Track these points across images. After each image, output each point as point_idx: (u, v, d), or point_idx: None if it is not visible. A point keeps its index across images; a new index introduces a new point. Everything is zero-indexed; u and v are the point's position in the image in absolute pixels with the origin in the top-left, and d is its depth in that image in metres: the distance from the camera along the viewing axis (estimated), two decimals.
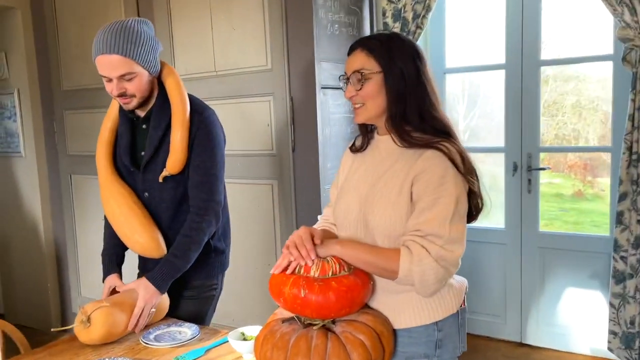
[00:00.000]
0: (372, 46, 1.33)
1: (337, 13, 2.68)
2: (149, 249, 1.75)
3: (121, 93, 1.65)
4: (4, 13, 3.51)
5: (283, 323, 1.28)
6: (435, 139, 1.28)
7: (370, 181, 1.36)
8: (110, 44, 1.59)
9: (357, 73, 1.32)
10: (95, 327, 1.52)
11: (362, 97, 1.34)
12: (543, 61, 3.02)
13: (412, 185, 1.27)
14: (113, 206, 1.76)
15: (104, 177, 1.80)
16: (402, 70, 1.29)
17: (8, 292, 3.89)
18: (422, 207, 1.24)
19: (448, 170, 1.25)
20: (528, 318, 3.17)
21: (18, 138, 3.62)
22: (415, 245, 1.22)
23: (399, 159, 1.32)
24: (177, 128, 1.69)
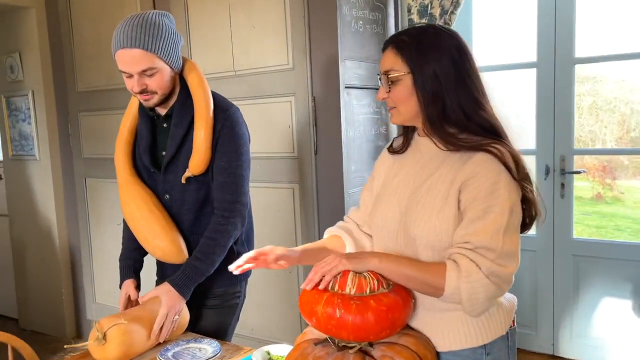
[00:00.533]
0: (401, 44, 1.20)
1: (362, 9, 2.56)
2: (170, 254, 1.66)
3: (142, 90, 1.56)
4: (19, 13, 3.45)
5: (316, 345, 1.16)
6: (484, 140, 1.16)
7: (411, 187, 1.23)
8: (131, 38, 1.50)
9: (385, 75, 1.21)
10: (110, 346, 1.42)
11: (393, 100, 1.23)
12: (578, 59, 2.86)
13: (460, 192, 1.15)
14: (132, 209, 1.68)
15: (123, 178, 1.72)
16: (434, 69, 1.16)
17: (22, 296, 3.82)
18: (471, 216, 1.12)
19: (501, 176, 1.12)
20: (561, 329, 3.02)
21: (32, 141, 3.55)
22: (464, 259, 1.10)
23: (444, 162, 1.20)
24: (201, 126, 1.60)
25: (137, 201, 1.68)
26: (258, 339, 2.73)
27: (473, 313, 1.13)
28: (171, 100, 1.65)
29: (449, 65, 1.17)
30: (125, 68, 1.53)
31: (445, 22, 2.67)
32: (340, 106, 2.44)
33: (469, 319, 1.19)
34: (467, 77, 1.18)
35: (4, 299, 4.04)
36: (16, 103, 3.61)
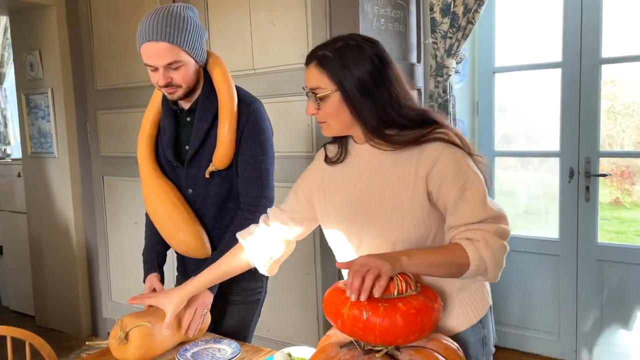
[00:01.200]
0: (324, 61, 1.21)
1: (384, 7, 2.52)
2: (194, 248, 1.65)
3: (167, 83, 1.54)
4: (39, 11, 3.46)
5: (341, 348, 1.12)
6: (425, 130, 1.22)
7: (372, 195, 1.25)
8: (156, 31, 1.49)
9: (314, 92, 1.23)
10: (131, 347, 1.39)
11: (323, 116, 1.25)
12: (604, 59, 2.79)
13: (427, 184, 1.20)
14: (156, 203, 1.67)
15: (146, 172, 1.71)
16: (359, 80, 1.19)
17: (39, 293, 3.83)
18: (453, 200, 1.18)
19: (458, 154, 1.20)
20: (584, 336, 2.94)
21: (51, 138, 3.56)
22: (472, 232, 1.16)
23: (396, 161, 1.24)
24: (225, 120, 1.59)
25: (161, 195, 1.67)
26: (275, 340, 2.70)
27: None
28: (195, 94, 1.64)
29: (372, 73, 1.20)
30: (151, 61, 1.52)
31: (468, 20, 2.62)
32: None
33: (464, 298, 1.27)
34: (391, 81, 1.22)
35: (21, 296, 4.06)
36: (36, 101, 3.63)
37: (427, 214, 1.21)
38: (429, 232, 1.23)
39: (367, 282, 1.03)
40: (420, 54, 2.79)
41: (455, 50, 2.68)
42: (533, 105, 3.23)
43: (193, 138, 1.64)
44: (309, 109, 1.26)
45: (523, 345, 3.12)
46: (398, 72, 1.25)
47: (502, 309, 3.17)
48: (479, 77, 3.16)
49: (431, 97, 2.74)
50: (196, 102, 1.64)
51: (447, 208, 1.19)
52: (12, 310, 4.19)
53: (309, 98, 1.25)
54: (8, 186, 4.08)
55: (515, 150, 3.26)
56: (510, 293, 3.13)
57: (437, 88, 2.71)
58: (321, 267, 2.57)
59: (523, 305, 3.11)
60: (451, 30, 2.65)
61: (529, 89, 3.20)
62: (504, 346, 3.16)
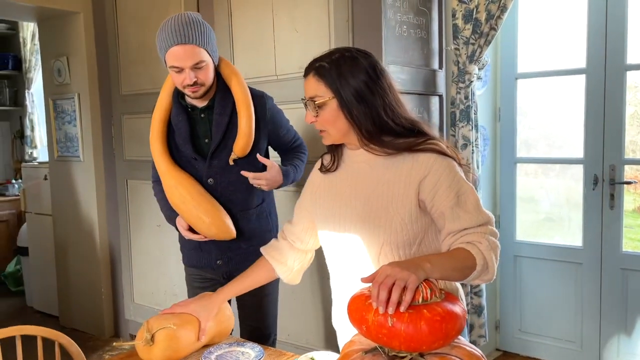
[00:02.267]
0: (322, 71, 1.30)
1: (406, 14, 2.53)
2: (225, 231, 1.81)
3: (193, 82, 1.71)
4: (67, 18, 3.54)
5: (365, 354, 1.13)
6: (418, 139, 1.30)
7: (362, 198, 1.33)
8: (183, 35, 1.66)
9: (312, 100, 1.31)
10: (157, 349, 1.42)
11: (321, 124, 1.32)
12: (629, 65, 2.76)
13: (420, 191, 1.27)
14: (182, 193, 1.80)
15: (164, 166, 1.84)
16: (355, 89, 1.28)
17: (63, 294, 3.91)
18: (449, 207, 1.25)
19: (450, 165, 1.28)
20: (607, 345, 2.90)
21: (77, 142, 3.63)
22: (472, 235, 1.23)
23: (388, 167, 1.32)
24: (243, 112, 1.79)
25: (186, 185, 1.80)
26: (295, 345, 2.71)
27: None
28: (210, 92, 1.82)
29: (367, 83, 1.28)
30: (179, 63, 1.68)
31: (491, 27, 2.61)
32: None
33: None
34: (385, 90, 1.30)
35: (46, 297, 4.15)
36: (63, 105, 3.71)
37: (415, 219, 1.29)
38: (416, 237, 1.30)
39: (394, 296, 1.04)
40: (442, 60, 2.79)
41: (478, 57, 2.67)
42: (556, 111, 3.19)
43: (215, 132, 1.82)
44: (308, 117, 1.34)
45: (545, 354, 3.08)
46: (391, 81, 1.34)
47: (524, 316, 3.14)
48: (502, 83, 3.14)
49: (453, 104, 2.73)
50: (213, 100, 1.83)
51: (443, 215, 1.26)
52: (36, 311, 4.27)
53: (307, 107, 1.34)
54: (35, 189, 4.17)
55: (538, 156, 3.23)
56: (532, 301, 3.10)
57: (459, 94, 2.71)
58: None
59: (545, 313, 3.08)
60: (473, 37, 2.65)
61: (551, 95, 3.17)
62: (526, 354, 3.12)
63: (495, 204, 3.19)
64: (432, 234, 1.33)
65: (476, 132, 2.75)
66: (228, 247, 1.92)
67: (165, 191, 1.85)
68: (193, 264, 2.01)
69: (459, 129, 2.71)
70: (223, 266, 1.94)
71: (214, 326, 1.55)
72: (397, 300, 1.04)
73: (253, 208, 1.94)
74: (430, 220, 1.31)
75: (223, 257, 1.94)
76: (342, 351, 1.22)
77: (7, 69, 5.26)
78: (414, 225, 1.29)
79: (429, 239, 1.33)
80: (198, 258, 1.98)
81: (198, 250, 1.97)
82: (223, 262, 1.94)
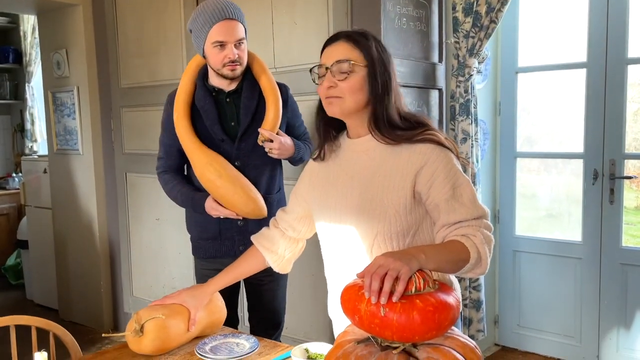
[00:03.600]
0: (358, 38, 1.28)
1: (406, 6, 2.51)
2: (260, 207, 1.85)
3: (235, 59, 1.80)
4: (66, 10, 3.54)
5: (358, 344, 1.12)
6: (417, 130, 1.29)
7: (358, 188, 1.33)
8: (230, 12, 1.78)
9: (344, 63, 1.26)
10: (146, 339, 1.42)
11: (342, 90, 1.27)
12: (631, 59, 2.74)
13: (416, 181, 1.27)
14: (217, 168, 1.81)
15: (194, 144, 1.85)
16: (385, 67, 1.29)
17: (63, 288, 3.91)
18: (445, 199, 1.24)
19: (448, 156, 1.27)
20: (606, 340, 2.89)
21: (76, 135, 3.63)
22: (467, 228, 1.23)
23: (386, 158, 1.30)
24: (271, 95, 1.88)
25: (220, 162, 1.83)
26: (292, 338, 2.71)
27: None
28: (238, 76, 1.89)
29: (391, 66, 1.31)
30: (225, 37, 1.77)
31: (491, 20, 2.59)
32: None
33: None
34: (396, 79, 1.33)
35: (46, 290, 4.15)
36: (62, 98, 3.70)
37: (410, 210, 1.28)
38: (410, 228, 1.29)
39: (386, 286, 1.03)
40: (442, 54, 2.78)
41: (478, 50, 2.65)
42: (556, 106, 3.18)
43: (243, 114, 1.89)
44: (328, 80, 1.28)
45: (544, 349, 3.07)
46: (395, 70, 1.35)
47: (523, 311, 3.13)
48: (502, 77, 3.13)
49: (452, 97, 2.72)
50: (242, 84, 1.91)
51: (438, 207, 1.25)
52: (36, 304, 4.28)
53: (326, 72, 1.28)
54: (34, 182, 4.17)
55: (538, 151, 3.22)
56: (531, 296, 3.09)
57: (459, 88, 2.69)
58: None
59: (544, 308, 3.07)
60: (474, 30, 2.63)
61: (552, 89, 3.15)
62: (525, 349, 3.12)
63: (495, 198, 3.18)
64: (426, 225, 1.32)
65: (476, 126, 2.73)
66: (251, 232, 1.91)
67: (196, 168, 1.84)
68: (211, 255, 1.99)
69: (458, 123, 2.70)
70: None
71: (206, 317, 1.55)
72: (389, 290, 1.03)
73: (275, 193, 2.00)
74: (425, 212, 1.30)
75: (245, 242, 1.94)
76: (336, 341, 1.21)
77: (7, 63, 5.26)
78: (408, 217, 1.28)
79: (423, 230, 1.32)
80: (218, 247, 1.98)
81: (217, 240, 1.97)
82: (245, 248, 1.94)
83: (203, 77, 1.93)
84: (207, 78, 1.93)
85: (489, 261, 1.24)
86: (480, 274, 1.26)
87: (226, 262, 1.97)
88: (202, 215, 1.94)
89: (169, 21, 3.07)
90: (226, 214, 1.86)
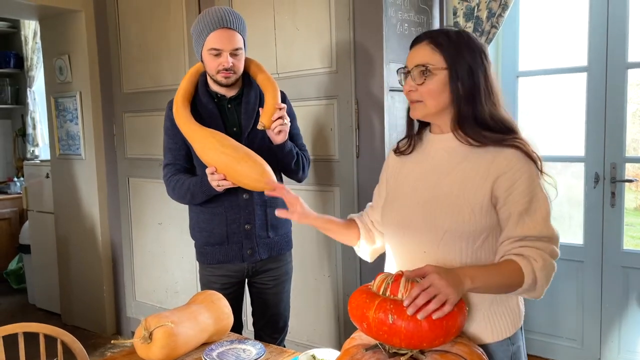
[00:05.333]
0: (439, 40, 1.26)
1: (407, 12, 2.53)
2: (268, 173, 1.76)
3: (229, 67, 1.84)
4: (69, 16, 3.55)
5: (366, 351, 1.14)
6: (506, 136, 1.25)
7: (431, 182, 1.28)
8: (229, 21, 1.82)
9: (421, 67, 1.24)
10: (155, 347, 1.43)
11: (422, 94, 1.26)
12: (631, 63, 2.76)
13: (494, 185, 1.22)
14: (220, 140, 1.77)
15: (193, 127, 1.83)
16: (470, 68, 1.24)
17: (65, 292, 3.92)
18: (519, 210, 1.21)
19: (533, 169, 1.24)
20: (608, 343, 2.90)
21: (79, 140, 3.64)
22: (529, 250, 1.19)
23: (467, 157, 1.26)
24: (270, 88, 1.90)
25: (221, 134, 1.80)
26: (296, 342, 2.72)
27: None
28: (237, 82, 1.95)
29: (480, 66, 1.25)
30: (220, 45, 1.81)
31: (492, 25, 2.61)
32: (384, 109, 2.41)
33: (497, 312, 1.27)
34: (491, 81, 1.27)
35: (48, 295, 4.16)
36: (64, 104, 3.71)
37: (485, 214, 1.22)
38: (482, 232, 1.23)
39: (431, 306, 1.05)
40: None
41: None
42: (557, 109, 3.19)
43: (245, 119, 1.95)
44: (408, 85, 1.28)
45: (546, 352, 3.08)
46: (495, 76, 1.30)
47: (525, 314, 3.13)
48: (503, 81, 3.14)
49: None
50: (242, 90, 1.97)
51: (510, 217, 1.21)
52: (38, 308, 4.29)
53: (408, 76, 1.28)
54: (37, 187, 4.18)
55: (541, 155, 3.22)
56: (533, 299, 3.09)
57: None
58: (342, 269, 2.58)
59: (546, 311, 3.08)
60: (475, 35, 2.65)
61: (553, 93, 3.17)
62: (527, 352, 3.12)
63: None
64: (498, 235, 1.26)
65: None
66: (258, 236, 1.97)
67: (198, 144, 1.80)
68: (218, 260, 1.99)
69: None
70: (251, 256, 1.98)
71: (213, 324, 1.56)
72: (432, 311, 1.05)
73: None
74: (498, 221, 1.25)
75: (252, 246, 1.97)
76: (343, 348, 1.22)
77: (8, 67, 5.27)
78: (482, 219, 1.22)
79: (493, 237, 1.26)
80: (225, 252, 1.98)
81: (225, 245, 1.97)
82: (252, 252, 1.98)
83: (205, 84, 1.96)
84: (207, 84, 1.97)
85: (545, 288, 1.22)
86: (532, 297, 1.24)
87: (232, 268, 1.99)
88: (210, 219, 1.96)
89: (172, 27, 3.08)
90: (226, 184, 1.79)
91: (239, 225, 1.95)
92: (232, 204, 1.94)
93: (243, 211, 1.96)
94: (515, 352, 1.31)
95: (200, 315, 1.54)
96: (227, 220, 1.96)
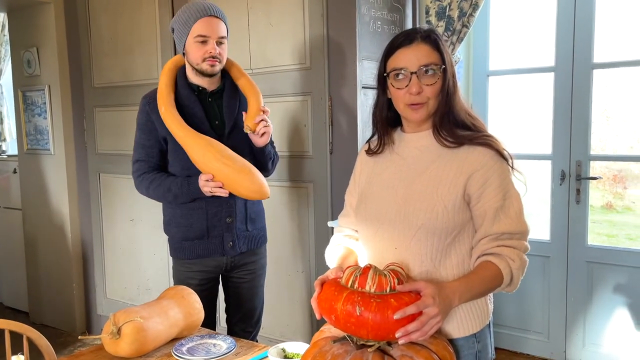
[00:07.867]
0: (437, 40, 1.26)
1: (381, 10, 2.55)
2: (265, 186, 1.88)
3: (216, 55, 1.86)
4: (37, 8, 3.47)
5: (334, 343, 1.15)
6: (477, 134, 1.27)
7: (406, 180, 1.29)
8: (215, 10, 1.88)
9: (432, 67, 1.24)
10: (124, 342, 1.42)
11: (427, 95, 1.25)
12: (596, 64, 2.84)
13: (468, 182, 1.24)
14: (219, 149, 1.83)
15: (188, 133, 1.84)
16: (452, 66, 1.28)
17: (33, 290, 3.84)
18: (494, 207, 1.23)
19: (504, 166, 1.26)
20: (573, 336, 2.98)
21: (48, 135, 3.57)
22: (505, 249, 1.22)
23: (440, 155, 1.28)
24: (252, 91, 1.96)
25: (218, 143, 1.85)
26: (269, 338, 2.73)
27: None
28: (217, 77, 1.97)
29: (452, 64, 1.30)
30: (208, 32, 1.85)
31: (463, 24, 2.65)
32: (357, 106, 2.43)
33: (465, 309, 1.28)
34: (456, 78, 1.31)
35: (16, 292, 4.07)
36: (32, 97, 3.64)
37: (458, 210, 1.23)
38: (454, 229, 1.24)
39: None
40: None
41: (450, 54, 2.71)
42: (525, 108, 3.27)
43: (227, 113, 1.97)
44: (416, 86, 1.23)
45: (514, 345, 3.15)
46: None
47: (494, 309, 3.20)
48: (473, 80, 3.20)
49: None
50: (223, 85, 1.99)
51: (485, 214, 1.23)
52: (6, 307, 4.19)
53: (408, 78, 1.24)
54: (4, 182, 4.09)
55: None
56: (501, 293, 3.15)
57: None
58: (315, 265, 2.60)
59: (514, 305, 3.15)
60: (446, 34, 2.69)
61: (521, 92, 3.24)
62: (495, 346, 3.19)
63: None
64: (469, 231, 1.28)
65: None
66: (238, 229, 2.00)
67: (195, 153, 1.82)
68: (198, 255, 1.98)
69: None
70: (232, 249, 2.00)
71: (183, 319, 1.56)
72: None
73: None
74: (470, 218, 1.26)
75: (233, 239, 1.99)
76: (312, 340, 1.24)
77: None
78: (455, 216, 1.23)
79: (464, 234, 1.27)
80: (205, 246, 1.98)
81: (205, 239, 1.97)
82: (233, 244, 2.00)
83: (184, 77, 1.96)
84: (187, 78, 1.96)
85: (519, 284, 1.26)
86: (507, 291, 1.28)
87: (211, 263, 1.99)
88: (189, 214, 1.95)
89: (144, 20, 3.05)
90: (222, 192, 1.83)
91: (220, 219, 1.96)
92: (214, 198, 1.93)
93: (225, 204, 1.96)
94: (481, 350, 1.32)
95: (170, 310, 1.54)
96: (207, 214, 1.95)
